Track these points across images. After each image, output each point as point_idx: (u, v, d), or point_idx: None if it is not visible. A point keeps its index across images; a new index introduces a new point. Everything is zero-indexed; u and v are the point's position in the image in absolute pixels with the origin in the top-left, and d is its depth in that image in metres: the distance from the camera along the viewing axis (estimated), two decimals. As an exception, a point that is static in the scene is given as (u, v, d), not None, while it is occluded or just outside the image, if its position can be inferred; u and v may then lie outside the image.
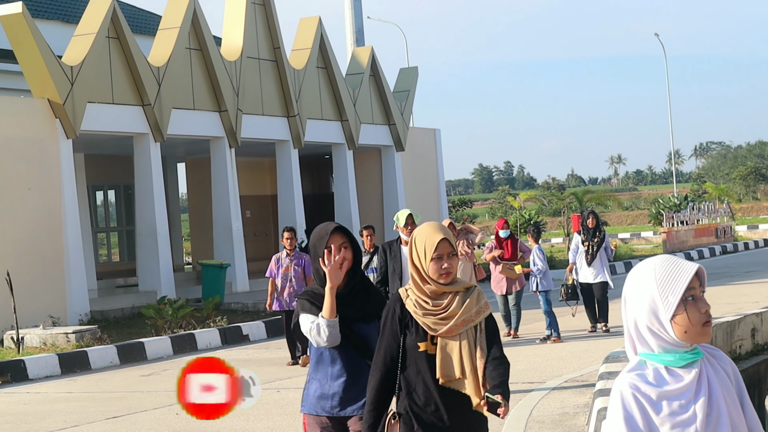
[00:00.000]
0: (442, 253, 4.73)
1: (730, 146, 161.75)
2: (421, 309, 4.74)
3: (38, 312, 19.17)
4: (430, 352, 4.73)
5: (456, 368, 4.70)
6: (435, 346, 4.73)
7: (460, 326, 4.71)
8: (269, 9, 26.12)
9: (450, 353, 4.71)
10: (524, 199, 52.49)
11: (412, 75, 32.24)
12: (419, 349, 4.74)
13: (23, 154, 20.18)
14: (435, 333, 4.72)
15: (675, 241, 35.78)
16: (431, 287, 4.74)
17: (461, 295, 4.77)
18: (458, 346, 4.71)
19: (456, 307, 4.73)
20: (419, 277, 4.76)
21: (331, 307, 5.17)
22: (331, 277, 5.20)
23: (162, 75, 22.84)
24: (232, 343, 18.60)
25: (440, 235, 4.74)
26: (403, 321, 4.77)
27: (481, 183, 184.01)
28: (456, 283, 4.80)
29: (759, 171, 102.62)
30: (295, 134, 26.73)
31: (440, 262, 4.72)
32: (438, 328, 4.72)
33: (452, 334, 4.71)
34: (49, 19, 27.91)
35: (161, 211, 23.05)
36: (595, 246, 16.12)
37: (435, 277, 4.72)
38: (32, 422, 11.75)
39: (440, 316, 4.72)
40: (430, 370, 4.73)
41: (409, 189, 31.13)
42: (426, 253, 4.73)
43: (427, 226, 4.86)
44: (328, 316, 5.17)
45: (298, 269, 14.83)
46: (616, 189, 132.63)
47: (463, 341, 4.72)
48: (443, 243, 4.74)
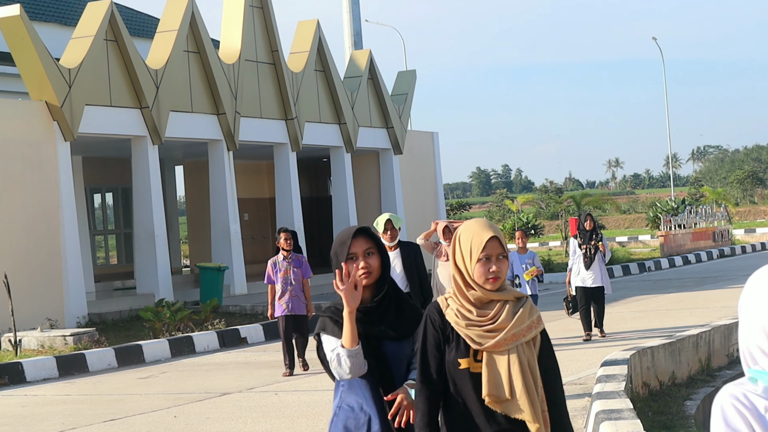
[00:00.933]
0: (490, 254, 4.08)
1: (728, 150, 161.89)
2: (464, 319, 4.08)
3: (36, 314, 19.16)
4: (473, 370, 4.09)
5: (505, 387, 4.04)
6: (479, 363, 4.08)
7: (510, 341, 4.06)
8: (267, 12, 26.13)
9: (498, 370, 4.06)
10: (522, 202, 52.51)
11: (410, 78, 32.26)
12: (460, 366, 4.09)
13: (21, 156, 20.18)
14: (480, 347, 4.06)
15: (672, 245, 35.82)
16: (476, 293, 4.09)
17: (511, 305, 4.12)
18: (507, 361, 4.05)
19: (505, 319, 4.07)
20: (462, 281, 4.12)
21: (352, 334, 4.36)
22: (348, 300, 4.36)
23: (160, 78, 22.84)
24: (230, 346, 18.60)
25: (489, 233, 4.10)
26: (444, 333, 4.14)
27: (479, 186, 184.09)
28: (505, 291, 4.14)
29: (756, 175, 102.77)
30: (293, 137, 26.74)
31: (488, 264, 4.08)
32: (483, 341, 4.06)
33: (500, 349, 4.06)
34: (47, 22, 27.91)
35: (159, 213, 23.05)
36: (592, 249, 16.01)
37: (481, 282, 4.07)
38: (30, 425, 11.74)
39: (486, 327, 4.07)
40: (474, 391, 4.08)
41: (407, 192, 31.14)
42: (472, 253, 4.09)
43: (474, 222, 4.22)
44: (349, 345, 4.36)
45: (297, 271, 14.19)
46: (613, 192, 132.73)
47: (513, 356, 4.06)
48: (492, 242, 4.09)
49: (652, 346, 12.44)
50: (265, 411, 11.62)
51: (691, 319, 16.97)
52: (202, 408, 12.11)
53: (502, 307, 4.09)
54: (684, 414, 11.03)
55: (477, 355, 4.08)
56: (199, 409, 12.07)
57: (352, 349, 4.36)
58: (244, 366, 16.00)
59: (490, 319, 4.08)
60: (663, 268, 32.56)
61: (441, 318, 4.14)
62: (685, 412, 11.15)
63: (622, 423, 7.87)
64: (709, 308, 19.02)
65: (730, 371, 14.22)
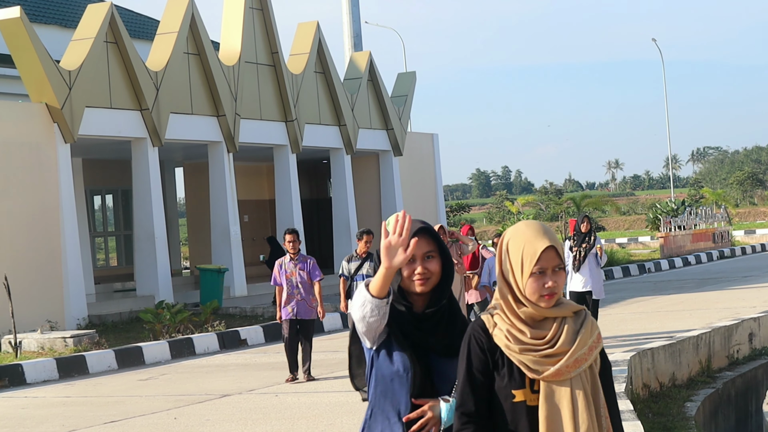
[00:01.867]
0: (545, 267, 3.47)
1: (727, 151, 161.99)
2: (516, 342, 3.46)
3: (36, 316, 19.16)
4: (530, 403, 3.46)
5: (567, 426, 3.43)
6: (537, 394, 3.46)
7: (572, 368, 3.44)
8: (267, 14, 26.14)
9: (559, 405, 3.44)
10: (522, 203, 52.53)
11: (410, 80, 32.27)
12: (514, 399, 3.47)
13: (21, 158, 20.19)
14: (537, 376, 3.45)
15: (672, 246, 35.83)
16: (528, 311, 3.48)
17: (571, 323, 3.50)
18: (569, 394, 3.44)
19: (566, 341, 3.46)
20: (512, 296, 3.51)
21: (381, 283, 3.72)
22: (385, 255, 3.70)
23: (160, 79, 22.85)
24: (230, 348, 18.61)
25: (544, 242, 3.49)
26: (493, 357, 3.51)
27: (479, 188, 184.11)
28: (561, 305, 3.52)
29: (756, 176, 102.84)
30: (293, 139, 26.75)
31: (542, 278, 3.47)
32: (541, 369, 3.44)
33: (561, 378, 3.44)
34: (47, 24, 27.92)
35: (159, 215, 23.06)
36: (582, 252, 15.47)
37: (534, 299, 3.47)
38: (30, 426, 11.74)
39: (544, 352, 3.45)
40: (530, 428, 3.46)
41: (406, 194, 31.14)
42: (523, 266, 3.48)
43: (525, 227, 3.57)
44: (375, 293, 3.72)
45: (303, 274, 13.65)
46: (613, 194, 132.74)
47: (577, 389, 3.44)
48: (549, 253, 3.49)
49: (653, 348, 12.44)
50: (266, 413, 11.62)
51: (691, 321, 16.97)
52: (202, 410, 12.11)
53: (560, 327, 3.49)
54: (684, 415, 11.04)
55: (534, 385, 3.47)
56: (199, 410, 12.07)
57: (376, 299, 3.72)
58: (244, 368, 16.00)
59: (548, 342, 3.47)
60: (663, 269, 32.57)
61: (488, 339, 3.52)
62: (685, 414, 11.15)
63: (623, 424, 7.87)
64: (709, 310, 19.02)
65: (731, 372, 14.22)
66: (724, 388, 13.44)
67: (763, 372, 15.00)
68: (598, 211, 65.30)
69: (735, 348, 14.99)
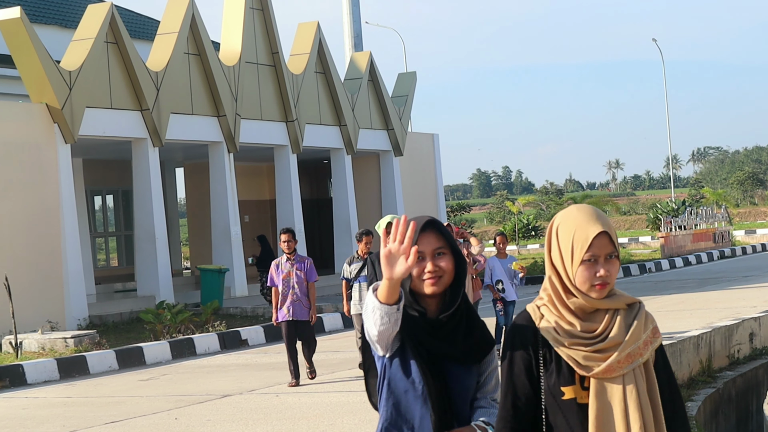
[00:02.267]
0: (597, 254, 3.22)
1: (728, 151, 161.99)
2: (566, 336, 3.23)
3: (37, 317, 19.17)
4: (581, 400, 3.23)
5: (619, 426, 3.19)
6: (587, 391, 3.22)
7: (625, 363, 3.21)
8: (268, 14, 26.15)
9: (611, 403, 3.20)
10: (522, 203, 52.54)
11: (410, 80, 32.27)
12: (563, 396, 3.23)
13: (21, 158, 20.19)
14: (587, 373, 3.20)
15: (673, 246, 35.82)
16: (578, 301, 3.24)
17: (623, 316, 3.26)
18: (621, 391, 3.19)
19: (618, 334, 3.22)
20: (561, 285, 3.27)
21: (388, 290, 3.36)
22: (387, 265, 3.35)
23: (160, 80, 22.86)
24: (230, 348, 18.61)
25: (596, 227, 3.23)
26: (538, 353, 3.28)
27: (480, 188, 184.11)
28: (614, 296, 3.26)
29: (756, 176, 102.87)
30: (293, 139, 26.75)
31: (593, 266, 3.22)
32: (592, 365, 3.20)
33: (613, 374, 3.20)
34: (47, 24, 27.92)
35: (160, 215, 23.06)
36: None
37: (584, 289, 3.22)
38: (31, 427, 11.75)
39: (595, 346, 3.21)
40: (582, 427, 3.22)
41: (407, 194, 31.15)
42: (573, 252, 3.23)
43: (576, 210, 3.30)
44: (384, 299, 3.36)
45: (300, 274, 13.31)
46: (614, 194, 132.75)
47: (629, 385, 3.20)
48: (601, 239, 3.23)
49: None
50: (266, 413, 11.62)
51: (691, 321, 16.96)
52: (203, 410, 12.11)
53: (612, 319, 3.24)
54: (685, 415, 11.01)
55: (584, 381, 3.22)
56: (199, 411, 12.07)
57: (386, 305, 3.36)
58: (245, 368, 16.00)
59: (599, 336, 3.22)
60: (663, 269, 32.57)
61: (534, 333, 3.27)
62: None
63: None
64: (709, 309, 19.02)
65: (732, 372, 14.22)
66: (724, 387, 13.44)
67: (763, 372, 14.99)
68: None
69: (736, 348, 14.98)
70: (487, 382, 3.59)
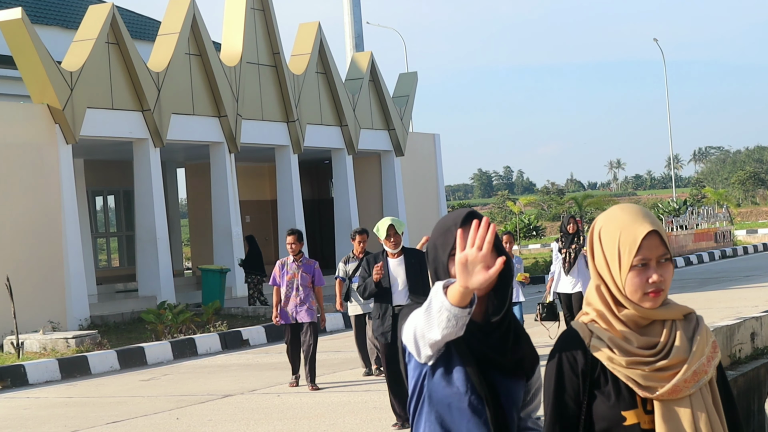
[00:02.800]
0: (648, 257, 2.85)
1: (729, 151, 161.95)
2: (622, 354, 2.84)
3: (38, 317, 19.18)
4: (645, 425, 2.85)
5: None
6: (650, 415, 2.85)
7: (691, 382, 2.84)
8: (269, 14, 26.15)
9: (680, 428, 2.82)
10: (524, 203, 52.55)
11: (411, 80, 32.27)
12: (625, 422, 2.85)
13: (23, 159, 20.20)
14: (650, 395, 2.82)
15: (674, 246, 35.81)
16: (630, 314, 2.87)
17: (683, 328, 2.89)
18: (691, 415, 2.82)
19: (682, 349, 2.85)
20: (610, 296, 2.89)
21: (462, 294, 2.93)
22: (463, 271, 2.92)
23: (161, 80, 22.87)
24: (232, 348, 18.61)
25: (645, 226, 2.86)
26: (590, 374, 2.88)
27: (481, 188, 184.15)
28: (668, 306, 2.90)
29: (758, 175, 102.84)
30: (294, 139, 26.76)
31: (645, 272, 2.84)
32: (655, 385, 2.82)
33: (680, 395, 2.83)
34: (48, 25, 27.94)
35: (161, 216, 23.07)
36: (573, 253, 15.03)
37: (636, 298, 2.85)
38: (32, 427, 11.75)
39: (657, 364, 2.83)
40: None
41: (408, 194, 31.15)
42: (621, 257, 2.87)
43: (620, 210, 2.94)
44: (456, 302, 2.93)
45: (306, 276, 13.00)
46: (615, 194, 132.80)
47: (698, 408, 2.84)
48: (651, 240, 2.85)
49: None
50: (268, 413, 11.63)
51: (693, 320, 16.94)
52: (204, 410, 12.12)
53: (671, 332, 2.87)
54: (686, 415, 11.01)
55: (647, 404, 2.85)
56: (201, 411, 12.08)
57: (457, 307, 2.93)
58: (246, 368, 16.01)
59: (660, 352, 2.84)
60: (665, 269, 32.53)
61: (584, 354, 2.89)
62: (687, 413, 11.12)
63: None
64: (711, 309, 19.01)
65: (733, 372, 14.22)
66: (726, 387, 13.42)
67: (765, 371, 14.99)
68: (599, 211, 65.23)
69: (737, 347, 14.98)
70: (532, 399, 3.25)
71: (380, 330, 10.27)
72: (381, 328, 10.27)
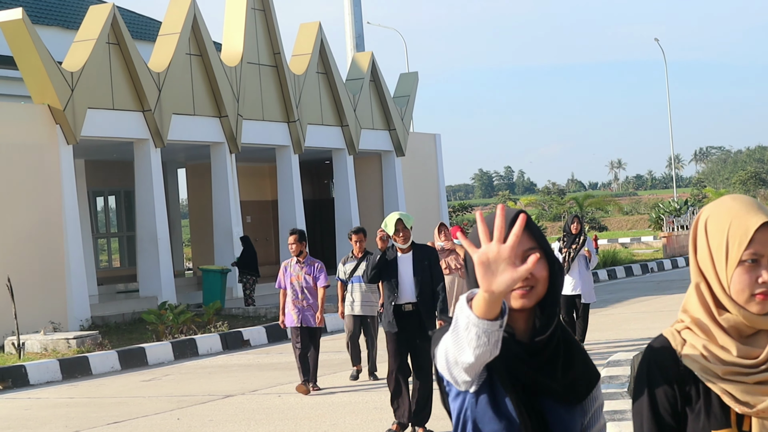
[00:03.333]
0: (760, 253, 2.46)
1: (730, 151, 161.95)
2: (718, 364, 2.49)
3: (39, 317, 19.18)
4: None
5: None
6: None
7: None
8: (269, 14, 26.15)
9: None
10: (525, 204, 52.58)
11: (412, 80, 32.27)
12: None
13: (23, 160, 20.20)
14: (749, 410, 2.47)
15: (675, 246, 35.81)
16: (733, 318, 2.50)
17: None
18: None
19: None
20: (711, 297, 2.54)
21: (488, 304, 2.44)
22: (484, 272, 2.43)
23: (162, 81, 22.87)
24: (233, 348, 18.61)
25: (759, 217, 2.48)
26: (683, 388, 2.54)
27: (482, 188, 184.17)
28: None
29: (759, 175, 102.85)
30: (295, 139, 26.76)
31: (755, 269, 2.47)
32: (754, 400, 2.47)
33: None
34: (49, 25, 27.95)
35: (162, 216, 23.07)
36: (572, 253, 14.73)
37: (742, 300, 2.48)
38: (33, 427, 11.76)
39: (758, 376, 2.48)
40: None
41: (409, 194, 31.14)
42: (729, 249, 2.49)
43: (731, 200, 2.55)
44: (482, 314, 2.45)
45: (309, 279, 12.70)
46: (616, 194, 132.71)
47: None
48: (765, 233, 2.47)
49: (655, 347, 12.39)
50: (268, 413, 11.62)
51: (694, 320, 16.92)
52: (205, 410, 12.12)
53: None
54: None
55: (743, 423, 2.49)
56: (202, 411, 12.08)
57: (485, 321, 2.45)
58: (247, 368, 16.00)
59: (762, 364, 2.48)
60: (666, 269, 32.56)
61: (676, 363, 2.54)
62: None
63: (626, 423, 7.89)
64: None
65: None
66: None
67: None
68: (600, 211, 65.26)
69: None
70: (592, 425, 2.79)
71: (386, 319, 10.09)
72: (387, 317, 10.07)
